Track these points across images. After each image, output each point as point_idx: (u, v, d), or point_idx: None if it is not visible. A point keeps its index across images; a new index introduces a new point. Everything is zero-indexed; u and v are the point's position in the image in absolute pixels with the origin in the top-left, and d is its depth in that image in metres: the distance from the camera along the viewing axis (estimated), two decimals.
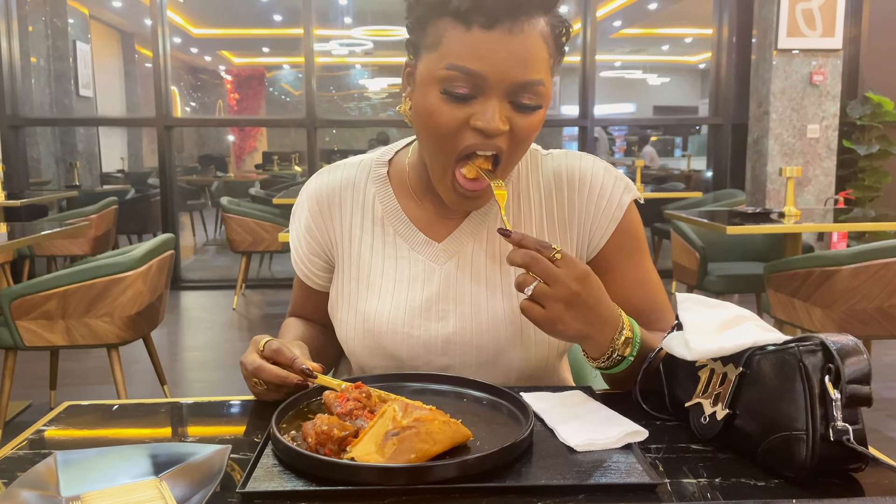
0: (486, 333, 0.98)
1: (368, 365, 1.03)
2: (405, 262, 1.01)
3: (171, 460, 0.71)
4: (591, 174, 1.02)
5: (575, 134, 6.14)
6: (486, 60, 0.83)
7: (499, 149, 0.89)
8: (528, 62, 0.85)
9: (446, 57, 0.85)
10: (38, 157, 5.98)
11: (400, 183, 1.04)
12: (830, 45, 5.29)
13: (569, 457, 0.73)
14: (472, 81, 0.84)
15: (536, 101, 0.88)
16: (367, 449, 0.70)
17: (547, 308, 0.82)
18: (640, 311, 1.01)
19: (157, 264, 2.71)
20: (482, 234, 1.01)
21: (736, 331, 0.77)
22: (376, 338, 1.00)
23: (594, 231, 1.02)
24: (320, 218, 1.06)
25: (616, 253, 1.03)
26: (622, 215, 1.02)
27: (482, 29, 0.83)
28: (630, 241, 1.03)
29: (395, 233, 1.02)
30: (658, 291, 1.05)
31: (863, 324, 2.65)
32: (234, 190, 8.13)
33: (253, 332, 4.46)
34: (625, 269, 1.03)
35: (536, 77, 0.86)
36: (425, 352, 0.99)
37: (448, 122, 0.87)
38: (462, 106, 0.86)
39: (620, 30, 11.21)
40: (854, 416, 0.67)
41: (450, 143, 0.88)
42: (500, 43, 0.83)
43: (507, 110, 0.86)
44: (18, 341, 2.58)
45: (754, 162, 5.64)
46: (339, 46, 11.15)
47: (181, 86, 13.54)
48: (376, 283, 1.01)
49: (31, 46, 5.90)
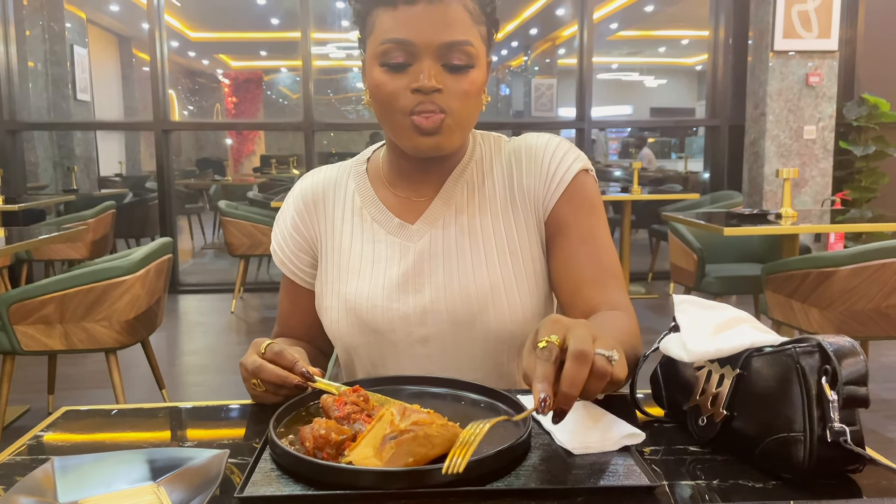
0: (459, 301, 1.03)
1: (352, 344, 1.08)
2: (382, 245, 1.08)
3: (169, 465, 0.71)
4: (544, 145, 1.09)
5: (572, 136, 6.16)
6: (413, 29, 0.95)
7: (440, 107, 0.96)
8: (451, 25, 0.95)
9: (380, 36, 0.97)
10: (36, 162, 5.98)
11: (376, 176, 1.13)
12: (826, 46, 5.30)
13: (566, 460, 0.73)
14: (404, 49, 0.95)
15: (467, 61, 0.97)
16: (365, 453, 0.70)
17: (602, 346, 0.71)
18: (585, 265, 1.04)
19: (155, 268, 2.71)
20: (451, 210, 1.08)
21: (733, 332, 0.77)
22: (358, 315, 1.06)
23: (546, 193, 1.07)
24: (306, 215, 1.14)
25: (566, 211, 1.06)
26: (572, 177, 1.07)
27: (406, 4, 0.95)
28: (580, 199, 1.07)
29: (372, 219, 1.10)
30: (607, 252, 1.06)
31: (860, 325, 2.65)
32: (232, 193, 8.12)
33: (251, 336, 4.46)
34: (574, 225, 1.06)
35: (461, 38, 0.96)
36: (404, 323, 1.04)
37: (392, 90, 0.97)
38: (401, 74, 0.97)
39: (617, 32, 11.24)
40: (851, 417, 0.67)
41: (398, 108, 0.98)
42: (422, 12, 0.94)
43: (439, 72, 0.96)
44: (16, 346, 2.58)
45: (751, 163, 5.65)
46: (336, 50, 11.18)
47: (179, 89, 13.55)
48: (356, 267, 1.08)
49: (28, 51, 5.90)
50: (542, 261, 1.08)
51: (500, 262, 1.05)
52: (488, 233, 1.06)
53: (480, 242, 1.06)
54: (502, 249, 1.06)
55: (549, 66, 12.67)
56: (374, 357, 1.08)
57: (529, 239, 1.07)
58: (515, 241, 1.06)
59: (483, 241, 1.06)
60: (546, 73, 12.51)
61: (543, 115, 8.01)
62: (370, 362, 1.09)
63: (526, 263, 1.06)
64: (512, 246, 1.06)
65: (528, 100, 8.22)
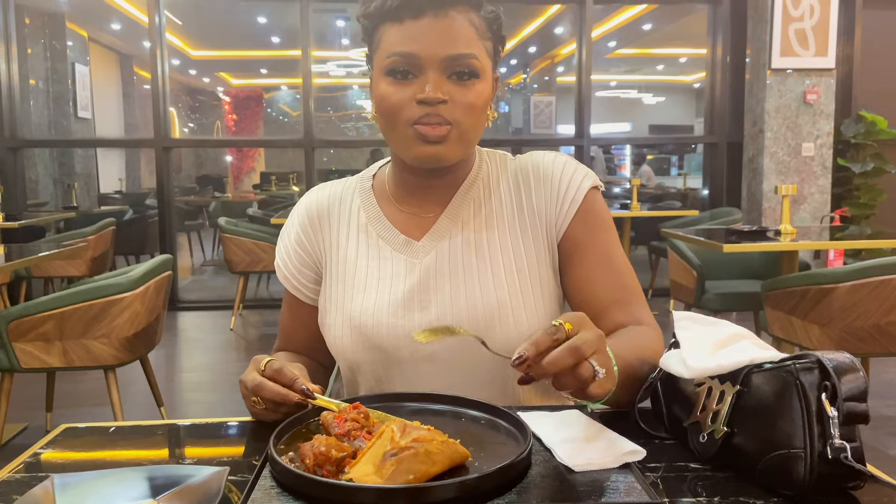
0: (466, 319, 1.03)
1: (356, 360, 1.07)
2: (388, 262, 1.08)
3: (168, 483, 0.71)
4: (552, 165, 1.10)
5: (571, 153, 6.18)
6: (419, 42, 0.96)
7: (446, 119, 0.97)
8: (455, 38, 0.97)
9: (387, 49, 0.98)
10: (36, 179, 6.00)
11: (382, 192, 1.13)
12: (824, 64, 5.34)
13: (567, 477, 0.73)
14: (410, 62, 0.97)
15: (472, 72, 0.98)
16: (365, 470, 0.69)
17: (608, 370, 0.78)
18: (606, 288, 1.05)
19: (154, 285, 2.71)
20: (457, 228, 1.07)
21: (733, 349, 0.77)
22: (363, 332, 1.05)
23: (559, 214, 1.07)
24: (311, 231, 1.14)
25: (580, 230, 1.07)
26: (583, 196, 1.07)
27: (412, 19, 0.96)
28: (593, 218, 1.08)
29: (378, 236, 1.09)
30: (625, 270, 1.07)
31: (861, 341, 2.65)
32: (232, 210, 8.13)
33: (251, 353, 4.45)
34: (589, 245, 1.07)
35: (466, 51, 0.97)
36: (409, 341, 1.03)
37: (398, 101, 0.98)
38: (406, 85, 0.98)
39: (616, 50, 11.31)
40: (852, 433, 0.67)
41: (403, 119, 0.98)
42: (428, 27, 0.96)
43: (445, 83, 0.97)
44: (15, 363, 2.57)
45: (750, 180, 5.66)
46: (336, 67, 11.23)
47: (179, 107, 13.60)
48: (361, 283, 1.08)
49: (30, 69, 5.94)
50: (551, 280, 1.08)
51: (508, 280, 1.04)
52: (495, 250, 1.06)
53: (487, 259, 1.06)
54: (509, 267, 1.05)
55: (548, 83, 12.73)
56: (379, 374, 1.07)
57: (538, 258, 1.07)
58: (523, 259, 1.06)
59: (490, 259, 1.05)
60: (545, 91, 12.57)
61: (542, 133, 8.04)
62: (374, 379, 1.08)
63: (533, 281, 1.05)
64: (519, 264, 1.06)
65: (527, 117, 8.26)
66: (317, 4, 5.89)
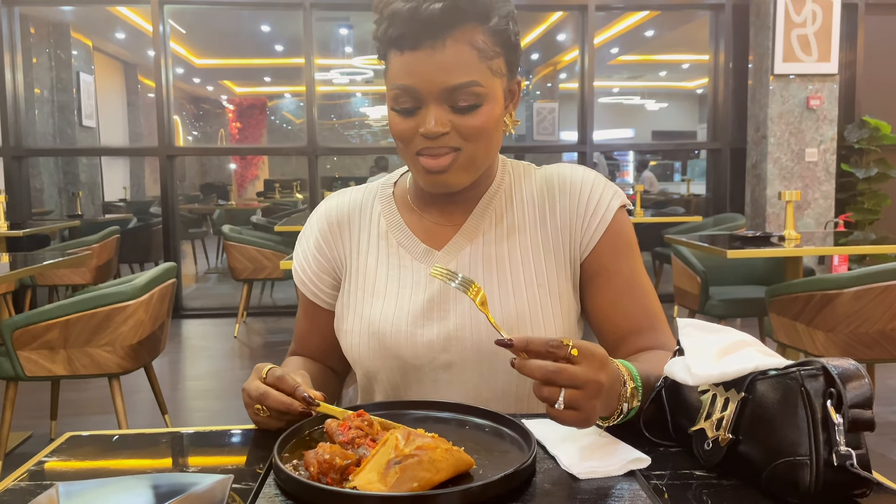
0: (484, 330, 1.02)
1: (373, 368, 1.07)
2: (408, 270, 1.07)
3: (172, 491, 0.71)
4: (580, 180, 1.08)
5: (574, 159, 6.18)
6: (416, 75, 0.95)
7: (451, 147, 0.97)
8: (453, 69, 0.94)
9: (391, 79, 0.98)
10: (41, 187, 6.02)
11: (403, 200, 1.13)
12: (826, 69, 5.34)
13: (572, 484, 0.73)
14: (410, 95, 0.96)
15: (474, 101, 0.96)
16: (369, 478, 0.69)
17: (581, 410, 0.76)
18: (631, 315, 1.05)
19: (158, 293, 2.71)
20: (478, 239, 1.07)
21: (737, 356, 0.77)
22: (381, 340, 1.04)
23: (585, 233, 1.06)
24: (330, 237, 1.13)
25: (607, 253, 1.06)
26: (612, 217, 1.06)
27: (411, 51, 0.95)
28: (621, 242, 1.07)
29: (398, 244, 1.09)
30: (650, 296, 1.07)
31: (866, 347, 2.64)
32: (236, 218, 8.15)
33: (254, 361, 4.45)
34: (616, 271, 1.06)
35: (465, 80, 0.95)
36: (427, 350, 1.03)
37: (402, 133, 0.99)
38: (410, 118, 0.98)
39: (618, 57, 11.32)
40: (857, 440, 0.67)
41: (408, 148, 1.00)
42: (425, 58, 0.94)
43: (448, 114, 0.96)
44: (20, 372, 2.57)
45: (753, 186, 5.66)
46: (339, 75, 11.25)
47: (183, 115, 13.64)
48: (381, 291, 1.07)
49: (35, 78, 5.97)
50: (570, 295, 1.07)
51: (528, 293, 1.04)
52: (516, 262, 1.05)
53: (508, 271, 1.05)
54: (530, 280, 1.04)
55: (551, 90, 12.75)
56: (396, 381, 1.06)
57: (558, 272, 1.06)
58: (544, 273, 1.05)
59: (510, 271, 1.05)
60: (548, 98, 12.58)
61: (545, 139, 8.04)
62: (391, 386, 1.07)
63: (553, 295, 1.04)
64: (540, 277, 1.05)
65: (530, 124, 8.25)
66: (320, 13, 5.91)
